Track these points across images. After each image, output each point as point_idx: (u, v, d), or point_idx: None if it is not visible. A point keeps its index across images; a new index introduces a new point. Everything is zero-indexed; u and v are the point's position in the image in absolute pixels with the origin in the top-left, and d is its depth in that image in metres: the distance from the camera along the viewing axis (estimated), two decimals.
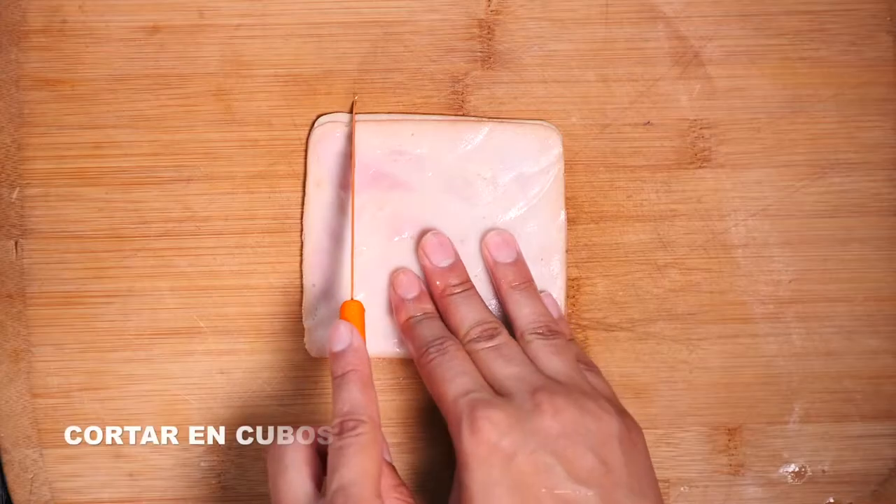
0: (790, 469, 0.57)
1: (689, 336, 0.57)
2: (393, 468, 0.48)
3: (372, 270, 0.55)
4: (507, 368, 0.49)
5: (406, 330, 0.53)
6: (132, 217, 0.56)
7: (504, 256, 0.54)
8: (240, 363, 0.56)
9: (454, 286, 0.53)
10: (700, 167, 0.57)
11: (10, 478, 0.56)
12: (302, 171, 0.56)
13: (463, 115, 0.57)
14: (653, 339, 0.57)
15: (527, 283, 0.54)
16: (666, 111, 0.57)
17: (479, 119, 0.56)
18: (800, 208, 0.57)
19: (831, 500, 0.57)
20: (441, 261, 0.54)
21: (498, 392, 0.48)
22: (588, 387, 0.49)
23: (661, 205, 0.57)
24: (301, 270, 0.56)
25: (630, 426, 0.48)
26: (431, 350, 0.50)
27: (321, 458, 0.47)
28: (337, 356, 0.48)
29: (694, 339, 0.57)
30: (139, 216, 0.56)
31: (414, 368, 0.56)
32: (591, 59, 0.57)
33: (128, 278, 0.56)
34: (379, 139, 0.56)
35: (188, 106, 0.56)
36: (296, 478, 0.45)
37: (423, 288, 0.54)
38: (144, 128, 0.56)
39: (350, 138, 0.56)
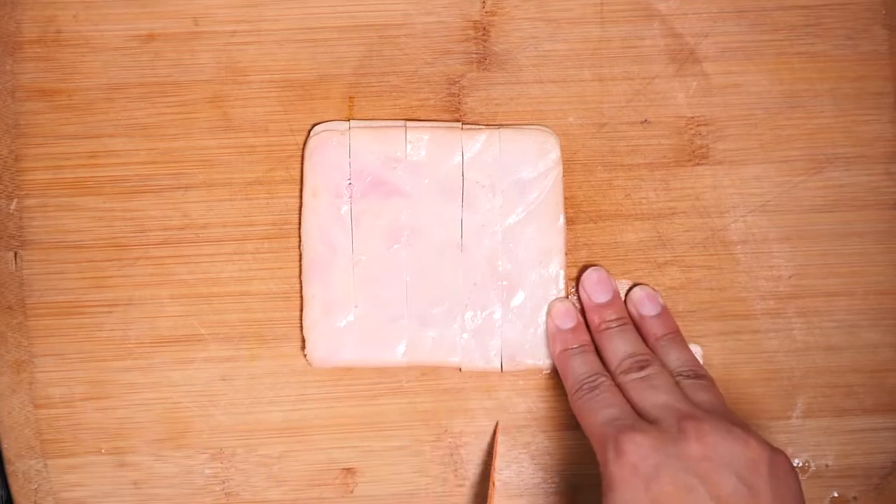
0: (794, 464, 0.57)
1: (691, 333, 0.57)
2: None
3: (371, 279, 0.55)
4: (655, 397, 0.50)
5: (561, 361, 0.54)
6: (131, 226, 0.56)
7: (649, 310, 0.55)
8: (241, 370, 0.56)
9: (610, 321, 0.55)
10: (698, 164, 0.57)
11: (15, 489, 0.56)
12: (299, 177, 0.56)
13: (460, 116, 0.57)
14: None
15: (672, 333, 0.55)
16: (663, 109, 0.57)
17: (477, 127, 0.56)
18: (798, 203, 0.57)
19: (835, 495, 0.57)
20: (600, 297, 0.55)
21: (645, 419, 0.49)
22: (737, 417, 0.49)
23: (660, 203, 0.57)
24: (300, 281, 0.56)
25: (780, 455, 0.48)
26: (585, 386, 0.52)
27: None
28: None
29: (695, 337, 0.57)
30: (138, 225, 0.56)
31: (414, 374, 0.56)
32: (586, 59, 0.57)
33: (128, 287, 0.56)
34: (376, 146, 0.56)
35: (185, 113, 0.56)
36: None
37: (580, 319, 0.55)
38: (141, 136, 0.56)
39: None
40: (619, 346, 0.53)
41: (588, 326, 0.55)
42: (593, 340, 0.55)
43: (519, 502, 0.56)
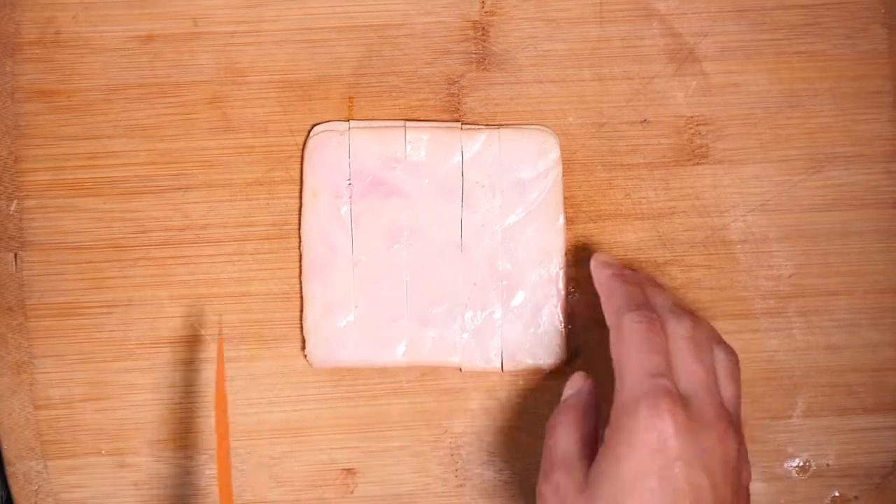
0: (794, 464, 0.57)
1: None
2: None
3: (371, 279, 0.55)
4: (695, 366, 0.48)
5: (613, 282, 0.51)
6: (131, 226, 0.56)
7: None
8: (241, 370, 0.56)
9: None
10: (698, 164, 0.57)
11: (15, 490, 0.56)
12: (299, 177, 0.56)
13: (459, 116, 0.57)
14: None
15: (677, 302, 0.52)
16: (662, 108, 0.57)
17: (477, 127, 0.56)
18: (798, 203, 0.57)
19: (836, 494, 0.57)
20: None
21: (677, 383, 0.47)
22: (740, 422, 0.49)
23: (660, 202, 0.57)
24: (301, 281, 0.56)
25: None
26: (640, 314, 0.49)
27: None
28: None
29: None
30: (138, 225, 0.56)
31: (415, 374, 0.56)
32: (586, 59, 0.57)
33: (128, 288, 0.56)
34: (376, 146, 0.56)
35: (184, 114, 0.56)
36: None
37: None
38: (141, 137, 0.56)
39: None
40: (667, 297, 0.51)
41: None
42: None
43: (522, 500, 0.57)
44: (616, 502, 0.44)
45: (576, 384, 0.52)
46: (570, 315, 0.57)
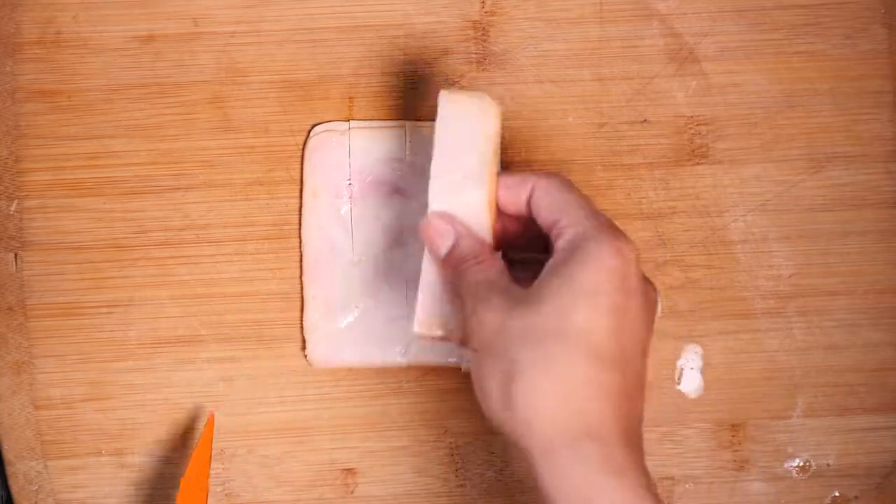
0: (795, 464, 0.57)
1: (691, 333, 0.57)
2: None
3: (371, 279, 0.55)
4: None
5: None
6: (131, 226, 0.56)
7: None
8: (241, 371, 0.56)
9: None
10: (698, 164, 0.57)
11: (15, 490, 0.56)
12: (299, 177, 0.56)
13: None
14: (654, 336, 0.56)
15: None
16: (662, 108, 0.57)
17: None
18: (798, 202, 0.57)
19: (836, 494, 0.57)
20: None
21: None
22: None
23: (660, 202, 0.57)
24: (301, 281, 0.56)
25: None
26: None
27: None
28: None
29: (695, 336, 0.57)
30: (138, 225, 0.56)
31: (415, 374, 0.56)
32: (586, 59, 0.57)
33: (128, 288, 0.56)
34: (376, 146, 0.56)
35: (185, 114, 0.56)
36: None
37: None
38: (141, 137, 0.56)
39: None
40: None
41: None
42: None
43: (522, 500, 0.56)
44: (563, 313, 0.43)
45: (445, 232, 0.49)
46: None
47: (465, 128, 0.49)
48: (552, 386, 0.43)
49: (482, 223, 0.48)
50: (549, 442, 0.43)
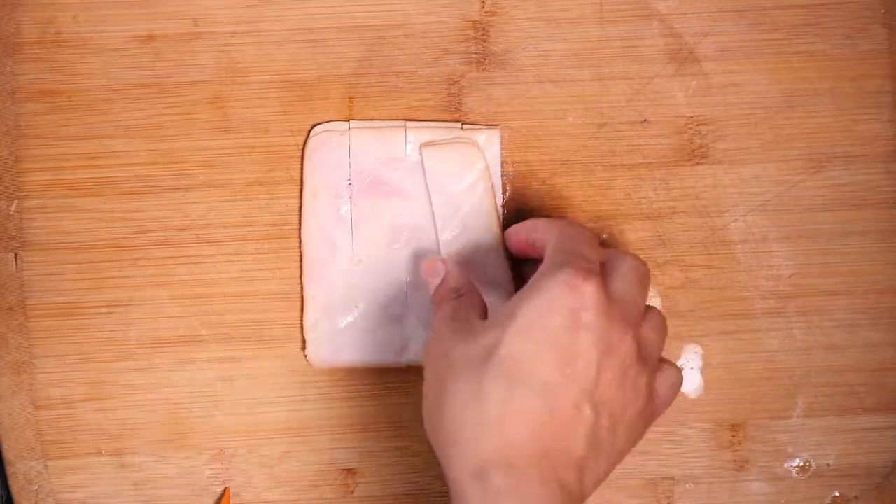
0: (795, 464, 0.57)
1: (691, 333, 0.57)
2: None
3: (371, 279, 0.55)
4: (632, 289, 0.47)
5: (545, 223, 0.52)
6: (131, 226, 0.56)
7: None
8: (241, 370, 0.56)
9: None
10: (698, 164, 0.57)
11: (15, 490, 0.56)
12: (299, 177, 0.56)
13: (459, 116, 0.57)
14: None
15: None
16: (662, 108, 0.57)
17: (476, 127, 0.56)
18: (798, 202, 0.57)
19: (836, 494, 0.57)
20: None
21: (609, 285, 0.46)
22: None
23: (660, 202, 0.57)
24: (301, 281, 0.56)
25: None
26: (582, 228, 0.51)
27: None
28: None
29: (695, 336, 0.57)
30: (138, 225, 0.56)
31: (415, 374, 0.56)
32: (586, 59, 0.57)
33: (128, 288, 0.56)
34: (376, 146, 0.56)
35: (185, 114, 0.56)
36: None
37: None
38: (141, 137, 0.56)
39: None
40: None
41: None
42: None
43: None
44: (497, 343, 0.44)
45: (438, 269, 0.52)
46: None
47: (453, 181, 0.55)
48: (473, 414, 0.43)
49: (496, 260, 0.55)
50: (460, 470, 0.43)
